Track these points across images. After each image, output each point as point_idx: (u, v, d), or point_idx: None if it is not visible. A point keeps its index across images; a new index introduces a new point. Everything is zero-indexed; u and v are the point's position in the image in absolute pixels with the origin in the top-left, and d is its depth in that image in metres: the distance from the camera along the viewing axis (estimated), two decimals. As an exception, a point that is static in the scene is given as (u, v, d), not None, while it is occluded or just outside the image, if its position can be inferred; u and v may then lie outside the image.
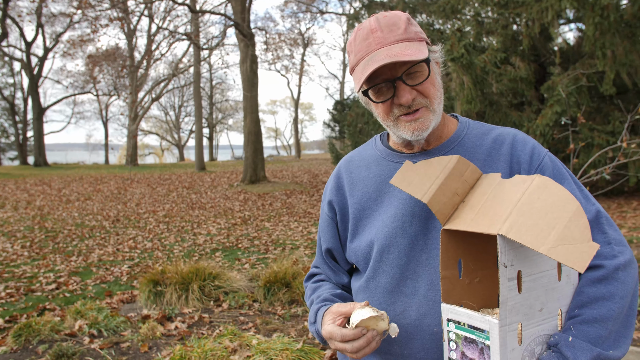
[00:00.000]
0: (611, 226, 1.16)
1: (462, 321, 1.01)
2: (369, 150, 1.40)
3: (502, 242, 0.91)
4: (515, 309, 0.94)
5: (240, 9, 18.47)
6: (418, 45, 1.15)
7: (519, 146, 1.22)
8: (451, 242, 1.04)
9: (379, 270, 1.25)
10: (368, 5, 14.09)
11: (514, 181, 1.02)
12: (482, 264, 1.09)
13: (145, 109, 32.60)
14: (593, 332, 1.03)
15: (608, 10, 7.83)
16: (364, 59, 1.17)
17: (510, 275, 0.92)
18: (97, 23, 20.68)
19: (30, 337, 4.01)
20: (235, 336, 3.71)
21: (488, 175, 1.11)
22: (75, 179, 22.29)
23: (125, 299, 5.23)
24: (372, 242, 1.26)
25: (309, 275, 1.50)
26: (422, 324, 1.18)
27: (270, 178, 20.53)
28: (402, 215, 1.22)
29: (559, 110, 8.79)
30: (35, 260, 7.33)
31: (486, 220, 0.96)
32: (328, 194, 1.41)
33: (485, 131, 1.28)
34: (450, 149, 1.25)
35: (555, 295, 1.02)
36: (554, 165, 1.21)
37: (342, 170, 1.40)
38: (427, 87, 1.18)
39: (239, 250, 7.74)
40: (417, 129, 1.18)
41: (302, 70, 46.61)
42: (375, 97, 1.20)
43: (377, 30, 1.17)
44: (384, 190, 1.28)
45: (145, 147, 63.46)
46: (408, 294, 1.21)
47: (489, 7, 10.45)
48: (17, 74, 40.99)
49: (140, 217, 11.79)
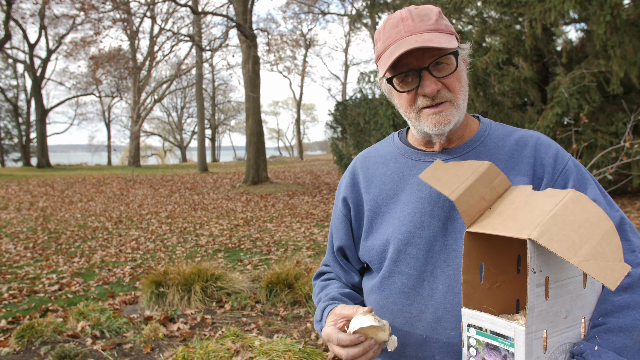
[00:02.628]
0: (635, 234, 1.14)
1: (484, 327, 0.99)
2: (387, 147, 1.36)
3: (532, 247, 0.89)
4: (541, 315, 0.93)
5: (242, 10, 18.49)
6: (448, 37, 1.13)
7: (543, 149, 1.20)
8: (474, 245, 1.03)
9: (395, 271, 1.21)
10: (371, 5, 14.08)
11: (547, 193, 1.01)
12: (502, 269, 1.07)
13: (148, 110, 32.65)
14: (618, 342, 1.00)
15: (618, 9, 7.80)
16: (391, 45, 1.15)
17: (538, 282, 0.91)
18: (99, 25, 20.73)
19: (33, 338, 4.01)
20: (237, 337, 3.71)
21: (519, 186, 1.08)
22: (78, 180, 22.33)
23: (128, 300, 5.22)
24: (388, 240, 1.22)
25: (318, 273, 1.47)
26: (439, 327, 1.14)
27: (272, 179, 20.53)
28: (420, 215, 1.19)
29: (560, 111, 8.77)
30: (38, 261, 7.34)
31: (516, 225, 0.94)
32: (342, 190, 1.37)
33: (508, 133, 1.25)
34: (472, 149, 1.22)
35: (580, 302, 1.00)
36: (578, 170, 1.18)
37: (357, 167, 1.37)
38: (452, 81, 1.16)
39: (241, 251, 7.74)
40: (439, 122, 1.15)
41: (304, 71, 46.64)
42: (400, 86, 1.18)
43: (407, 19, 1.15)
44: (401, 187, 1.25)
45: (148, 149, 63.58)
46: (425, 296, 1.17)
47: (492, 7, 10.43)
48: (20, 75, 41.18)
49: (142, 218, 11.80)
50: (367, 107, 12.10)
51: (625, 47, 8.32)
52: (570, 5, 8.03)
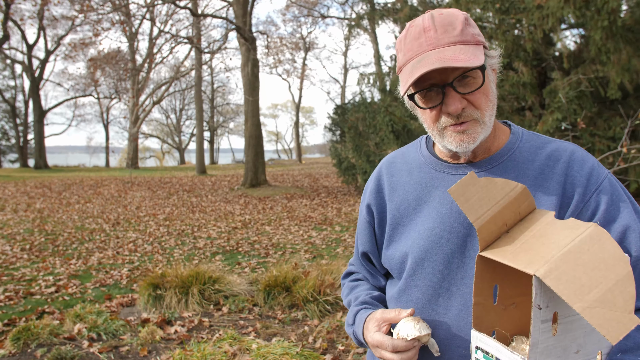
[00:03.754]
0: None
1: (490, 352, 0.97)
2: (413, 152, 1.32)
3: (538, 284, 0.86)
4: (547, 351, 0.89)
5: (241, 12, 18.52)
6: (474, 50, 1.05)
7: (576, 166, 1.11)
8: (487, 268, 0.99)
9: (411, 284, 1.20)
10: (371, 9, 14.11)
11: (567, 224, 0.94)
12: (520, 290, 1.03)
13: (147, 112, 32.61)
14: None
15: (615, 14, 7.84)
16: (413, 59, 1.08)
17: (544, 318, 0.88)
18: (99, 26, 20.74)
19: (29, 341, 3.99)
20: (235, 340, 3.70)
21: (541, 210, 1.02)
22: (76, 182, 22.29)
23: (125, 303, 5.21)
24: (406, 253, 1.20)
25: (346, 273, 1.47)
26: (452, 344, 1.12)
27: (271, 182, 20.52)
28: (439, 230, 1.15)
29: (560, 117, 8.79)
30: (35, 263, 7.31)
31: (526, 257, 0.91)
32: (367, 196, 1.35)
33: (540, 145, 1.17)
34: (499, 163, 1.16)
35: (596, 336, 0.95)
36: (614, 189, 1.10)
37: (383, 173, 1.34)
38: (479, 97, 1.08)
39: (239, 254, 7.73)
40: (464, 140, 1.10)
41: (304, 74, 46.66)
42: (423, 102, 1.12)
43: (430, 30, 1.07)
44: (423, 199, 1.21)
45: (146, 150, 63.50)
46: (440, 313, 1.15)
47: (490, 12, 10.47)
48: (18, 76, 41.09)
49: (140, 220, 11.78)
50: (367, 111, 12.12)
51: (622, 53, 8.35)
52: (569, 11, 8.06)
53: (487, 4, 10.13)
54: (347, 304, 1.36)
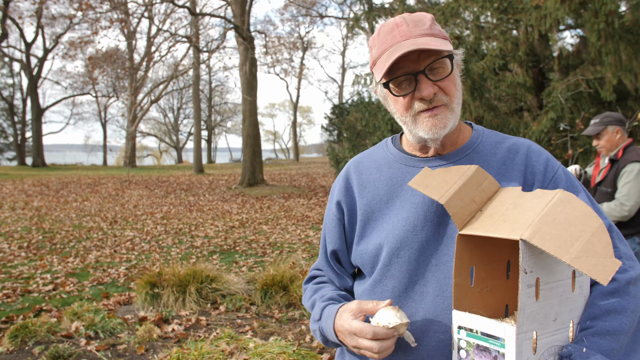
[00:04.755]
0: (621, 241, 1.17)
1: (475, 329, 1.00)
2: (380, 152, 1.36)
3: (524, 247, 0.91)
4: (532, 316, 0.94)
5: (240, 12, 18.52)
6: (443, 41, 1.15)
7: (534, 157, 1.22)
8: (466, 249, 1.03)
9: (387, 274, 1.22)
10: (369, 9, 14.12)
11: (536, 194, 1.03)
12: (493, 274, 1.08)
13: (144, 110, 32.53)
14: (605, 345, 1.02)
15: (612, 16, 7.86)
16: (387, 50, 1.16)
17: (529, 282, 0.92)
18: (97, 25, 20.69)
19: (27, 338, 4.00)
20: (232, 339, 3.71)
21: (508, 188, 1.11)
22: (73, 180, 22.25)
23: (122, 301, 5.22)
24: (381, 245, 1.23)
25: (309, 277, 1.47)
26: (429, 330, 1.15)
27: (268, 181, 20.52)
28: (414, 219, 1.20)
29: (554, 116, 8.81)
30: (32, 261, 7.31)
31: (507, 226, 0.96)
32: (336, 194, 1.37)
33: (500, 140, 1.27)
34: (465, 155, 1.24)
35: (569, 306, 1.02)
36: (568, 177, 1.22)
37: (351, 172, 1.37)
38: (448, 84, 1.17)
39: (236, 253, 7.73)
40: (435, 125, 1.17)
41: (301, 73, 46.60)
42: (396, 90, 1.19)
43: (402, 25, 1.17)
44: (395, 193, 1.26)
45: (144, 149, 63.37)
46: (416, 300, 1.18)
47: (488, 12, 10.49)
48: (16, 74, 40.96)
49: (138, 219, 11.77)
50: (366, 111, 12.14)
51: (620, 54, 8.38)
52: (565, 12, 8.09)
53: (485, 3, 10.15)
54: (311, 305, 1.36)
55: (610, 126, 3.75)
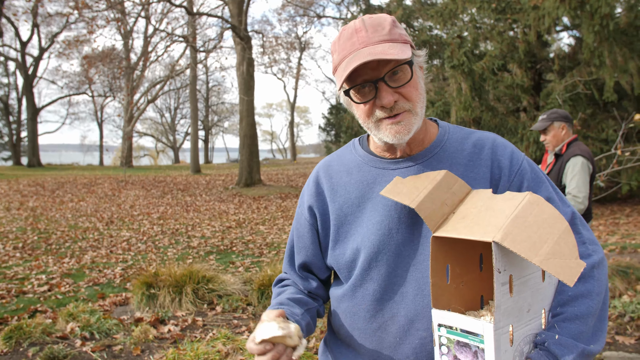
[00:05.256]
0: (584, 226, 1.22)
1: (454, 326, 1.03)
2: (348, 154, 1.36)
3: (497, 249, 0.95)
4: (507, 312, 0.99)
5: (237, 11, 18.50)
6: (402, 47, 1.14)
7: (499, 151, 1.25)
8: (440, 249, 1.07)
9: (366, 278, 1.24)
10: (366, 9, 14.13)
11: (506, 196, 1.07)
12: (467, 269, 1.13)
13: (141, 110, 32.48)
14: (575, 329, 1.08)
15: (607, 18, 7.88)
16: (346, 57, 1.16)
17: (503, 280, 0.97)
18: (93, 24, 20.62)
19: (21, 340, 3.96)
20: (228, 340, 3.69)
21: (478, 190, 1.14)
22: (69, 180, 22.17)
23: (118, 302, 5.18)
24: (358, 249, 1.24)
25: (277, 280, 1.48)
26: (411, 329, 1.18)
27: (265, 181, 20.50)
28: (388, 222, 1.21)
29: (553, 118, 8.82)
30: (28, 261, 7.27)
31: (480, 229, 1.00)
32: (307, 199, 1.37)
33: (465, 135, 1.29)
34: (434, 154, 1.25)
35: (540, 295, 1.08)
36: (532, 169, 1.25)
37: (321, 176, 1.36)
38: (409, 90, 1.17)
39: (233, 254, 7.71)
40: (399, 132, 1.17)
41: (299, 73, 46.65)
42: (357, 97, 1.19)
43: (361, 30, 1.16)
44: (366, 196, 1.26)
45: (141, 149, 63.26)
46: (397, 300, 1.20)
47: (486, 13, 10.50)
48: (11, 73, 40.77)
49: (134, 219, 11.73)
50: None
51: (616, 55, 8.40)
52: (564, 11, 8.10)
53: (483, 4, 10.15)
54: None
55: (557, 122, 3.85)
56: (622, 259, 5.51)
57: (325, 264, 1.37)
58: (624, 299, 4.46)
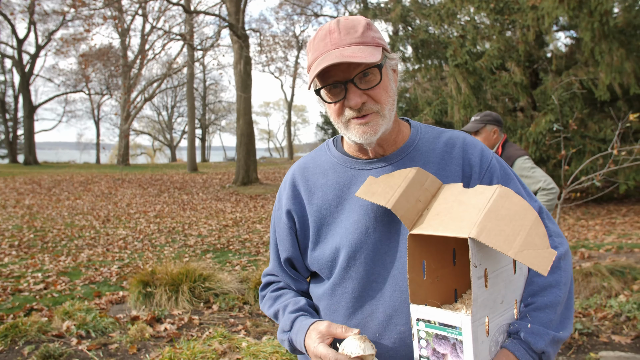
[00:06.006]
0: (550, 220, 1.28)
1: (432, 320, 1.06)
2: (323, 155, 1.38)
3: (473, 244, 0.98)
4: (483, 304, 1.02)
5: (234, 10, 18.46)
6: (372, 50, 1.17)
7: (470, 149, 1.29)
8: (417, 246, 1.10)
9: (345, 277, 1.27)
10: (364, 8, 14.12)
11: (477, 190, 1.10)
12: (441, 264, 1.17)
13: (138, 108, 32.39)
14: (545, 317, 1.14)
15: (607, 16, 7.89)
16: (318, 58, 1.19)
17: (479, 274, 1.00)
18: (90, 21, 20.56)
19: (17, 338, 3.95)
20: (225, 338, 3.68)
21: (450, 185, 1.18)
22: (66, 178, 22.11)
23: (115, 300, 5.17)
24: (337, 249, 1.27)
25: (265, 284, 1.48)
26: (390, 325, 1.21)
27: (262, 180, 20.48)
28: (365, 221, 1.24)
29: (553, 118, 8.84)
30: (23, 259, 7.24)
31: (454, 225, 1.03)
32: (284, 203, 1.38)
33: (436, 135, 1.33)
34: (407, 154, 1.29)
35: (512, 287, 1.12)
36: (501, 166, 1.30)
37: (297, 178, 1.38)
38: (378, 92, 1.20)
39: (229, 252, 7.70)
40: (366, 132, 1.20)
41: (296, 72, 46.62)
42: (328, 97, 1.22)
43: (334, 32, 1.20)
44: (343, 197, 1.29)
45: (137, 147, 63.08)
46: (375, 297, 1.24)
47: (484, 13, 10.51)
48: (8, 71, 40.62)
49: (130, 218, 11.70)
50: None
51: (613, 55, 8.42)
52: (563, 11, 8.11)
53: (481, 3, 10.15)
54: (274, 313, 1.39)
55: (489, 125, 3.86)
56: (618, 259, 5.52)
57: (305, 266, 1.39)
58: (620, 298, 4.47)
